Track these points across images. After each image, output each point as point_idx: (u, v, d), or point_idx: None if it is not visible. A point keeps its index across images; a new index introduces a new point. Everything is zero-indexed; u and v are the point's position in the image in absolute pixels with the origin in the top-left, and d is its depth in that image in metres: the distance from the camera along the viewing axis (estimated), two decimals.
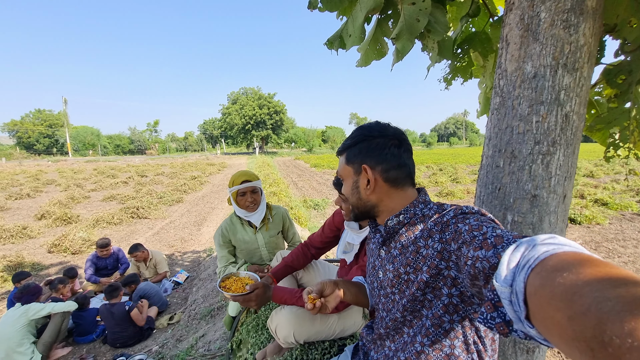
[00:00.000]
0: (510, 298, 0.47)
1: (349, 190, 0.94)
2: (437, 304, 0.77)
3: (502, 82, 1.14)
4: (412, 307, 0.82)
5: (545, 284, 0.40)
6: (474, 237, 0.63)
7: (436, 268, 0.75)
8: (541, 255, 0.44)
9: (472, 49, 2.03)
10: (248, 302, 1.33)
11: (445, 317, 0.77)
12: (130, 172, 19.63)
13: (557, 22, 1.00)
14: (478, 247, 0.60)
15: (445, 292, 0.75)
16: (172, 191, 12.09)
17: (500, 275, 0.49)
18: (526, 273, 0.44)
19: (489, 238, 0.60)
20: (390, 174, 0.87)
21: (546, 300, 0.39)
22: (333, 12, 1.87)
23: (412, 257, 0.81)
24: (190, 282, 4.62)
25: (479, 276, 0.59)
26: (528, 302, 0.43)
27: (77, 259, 5.55)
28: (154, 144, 73.91)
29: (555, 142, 1.04)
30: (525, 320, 0.44)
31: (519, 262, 0.47)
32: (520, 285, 0.44)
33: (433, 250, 0.76)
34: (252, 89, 55.87)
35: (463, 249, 0.65)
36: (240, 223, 2.08)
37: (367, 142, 0.89)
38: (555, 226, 1.09)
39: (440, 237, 0.75)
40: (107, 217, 7.73)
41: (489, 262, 0.57)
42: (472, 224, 0.66)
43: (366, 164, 0.88)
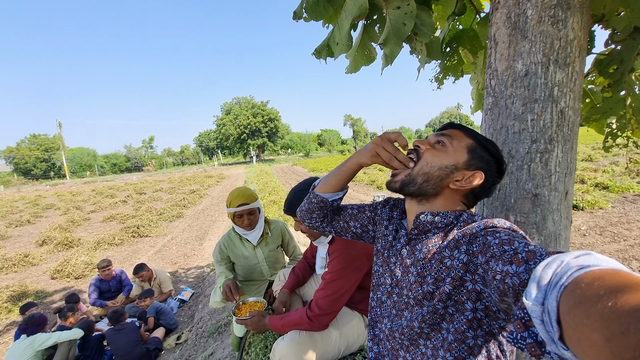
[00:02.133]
0: (542, 317, 0.44)
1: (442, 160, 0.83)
2: (460, 318, 0.75)
3: (494, 81, 1.12)
4: (431, 319, 0.79)
5: (580, 302, 0.37)
6: (504, 252, 0.60)
7: (460, 280, 0.72)
8: (575, 272, 0.41)
9: (461, 47, 2.03)
10: (247, 326, 1.48)
11: (469, 333, 0.74)
12: (128, 191, 19.57)
13: (545, 18, 0.99)
14: (508, 261, 0.58)
15: (470, 306, 0.72)
16: (171, 207, 12.04)
17: (530, 292, 0.46)
18: (559, 291, 0.42)
19: (519, 253, 0.57)
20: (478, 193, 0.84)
21: (581, 320, 0.36)
22: (318, 21, 1.87)
23: (436, 266, 0.78)
24: (195, 299, 4.57)
25: (509, 292, 0.56)
26: (561, 322, 0.40)
27: (80, 284, 5.50)
28: (150, 160, 73.92)
29: (552, 140, 1.02)
30: (559, 341, 0.41)
31: (551, 279, 0.44)
32: (553, 304, 0.42)
33: (458, 262, 0.73)
34: (245, 98, 56.02)
35: (491, 263, 0.62)
36: (238, 238, 2.06)
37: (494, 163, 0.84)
38: (559, 224, 1.07)
39: (467, 249, 0.72)
40: (108, 239, 7.69)
41: (519, 278, 0.54)
42: (503, 238, 0.64)
43: (484, 171, 0.82)
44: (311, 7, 1.76)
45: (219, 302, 1.85)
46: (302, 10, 1.79)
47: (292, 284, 1.76)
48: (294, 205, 1.37)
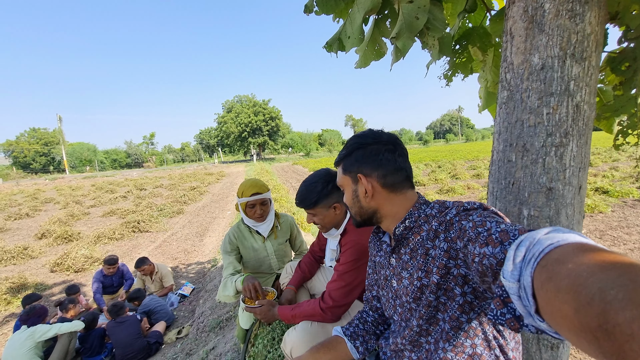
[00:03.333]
0: (518, 293, 0.47)
1: (350, 200, 0.94)
2: (452, 305, 0.76)
3: (509, 75, 1.12)
4: (427, 313, 0.80)
5: (551, 277, 0.40)
6: (479, 234, 0.62)
7: (445, 268, 0.74)
8: (546, 249, 0.44)
9: (471, 45, 2.02)
10: (256, 315, 1.48)
11: (463, 317, 0.76)
12: (128, 186, 19.53)
13: (562, 12, 0.99)
14: (484, 243, 0.60)
15: (458, 291, 0.74)
16: (172, 203, 12.03)
17: (507, 270, 0.49)
18: (532, 267, 0.44)
19: (493, 234, 0.59)
20: (388, 180, 0.88)
21: (553, 293, 0.39)
22: (329, 15, 1.87)
23: (422, 259, 0.80)
24: (196, 294, 4.57)
25: (487, 273, 0.59)
26: (536, 296, 0.43)
27: (80, 277, 5.49)
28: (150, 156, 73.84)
29: (567, 133, 1.02)
30: (535, 314, 0.44)
31: (525, 257, 0.47)
32: (528, 279, 0.44)
33: (440, 250, 0.75)
34: (247, 97, 55.98)
35: (469, 247, 0.64)
36: (248, 230, 2.05)
37: (361, 150, 0.90)
38: (572, 218, 1.07)
39: (446, 236, 0.74)
40: (108, 233, 7.67)
41: (495, 259, 0.56)
42: (476, 220, 0.66)
43: (362, 172, 0.89)
44: (322, 0, 1.76)
45: (231, 296, 1.77)
46: (313, 3, 1.79)
47: (298, 279, 1.75)
48: (306, 198, 1.38)
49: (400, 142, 0.92)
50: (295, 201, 1.43)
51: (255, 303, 1.44)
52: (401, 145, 0.91)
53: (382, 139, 0.90)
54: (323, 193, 1.37)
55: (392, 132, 0.93)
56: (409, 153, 0.98)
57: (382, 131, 0.93)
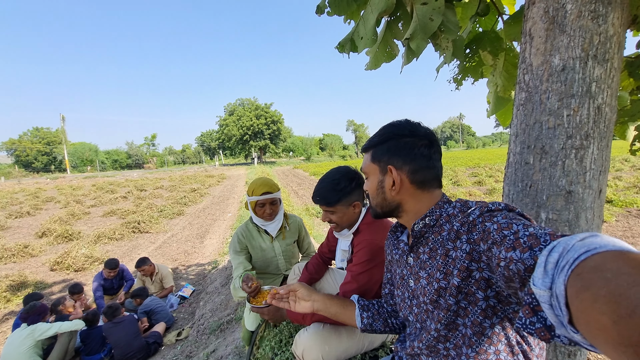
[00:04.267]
0: (550, 302, 0.44)
1: (373, 189, 0.91)
2: (474, 310, 0.73)
3: (527, 77, 1.11)
4: (446, 318, 0.77)
5: (587, 285, 0.37)
6: (505, 237, 0.60)
7: (466, 270, 0.71)
8: (582, 255, 0.41)
9: (481, 49, 2.02)
10: (262, 315, 1.45)
11: (486, 323, 0.73)
12: (129, 187, 19.53)
13: (585, 13, 0.98)
14: (510, 247, 0.57)
15: (481, 295, 0.71)
16: (172, 204, 12.01)
17: (537, 277, 0.46)
18: (566, 275, 0.41)
19: (521, 237, 0.56)
20: (418, 176, 0.84)
21: (589, 303, 0.36)
22: (341, 16, 1.86)
23: (442, 260, 0.77)
24: (196, 296, 4.53)
25: (514, 278, 0.56)
26: (570, 306, 0.40)
27: (80, 276, 5.46)
28: (151, 157, 73.98)
29: (588, 136, 1.00)
30: (569, 324, 0.41)
31: (558, 263, 0.44)
32: (561, 287, 0.42)
33: (462, 252, 0.72)
34: (249, 100, 56.18)
35: (494, 250, 0.62)
36: (256, 230, 2.03)
37: (395, 141, 0.86)
38: (592, 222, 1.05)
39: (468, 238, 0.72)
40: (108, 233, 7.64)
41: (524, 264, 0.53)
42: (501, 222, 0.63)
43: (393, 164, 0.85)
44: (335, 1, 1.76)
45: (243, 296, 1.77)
46: (325, 4, 1.78)
47: (305, 281, 1.72)
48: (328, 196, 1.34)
49: (437, 139, 0.88)
50: (315, 198, 1.37)
51: (263, 303, 1.40)
52: (437, 143, 0.88)
53: (419, 132, 0.86)
54: (346, 191, 1.33)
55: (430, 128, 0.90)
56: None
57: (420, 124, 0.89)
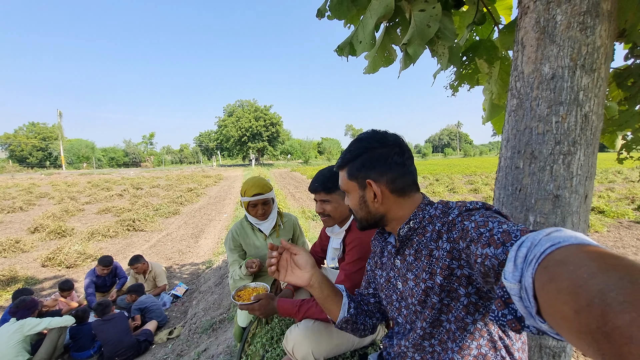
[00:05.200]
0: (520, 294, 0.47)
1: (356, 205, 0.91)
2: (457, 306, 0.76)
3: (519, 84, 1.14)
4: (431, 316, 0.79)
5: (552, 278, 0.40)
6: (481, 234, 0.63)
7: (448, 269, 0.74)
8: (547, 249, 0.44)
9: (478, 57, 2.06)
10: (253, 311, 1.42)
11: (468, 319, 0.76)
12: (125, 185, 19.43)
13: (574, 25, 1.02)
14: (486, 244, 0.60)
15: (462, 292, 0.74)
16: (168, 203, 11.96)
17: (508, 271, 0.49)
18: (533, 268, 0.44)
19: (495, 234, 0.59)
20: (397, 184, 0.86)
21: (554, 294, 0.39)
22: (341, 20, 1.90)
23: (427, 261, 0.79)
24: (189, 295, 4.51)
25: (490, 273, 0.59)
26: (537, 297, 0.43)
27: (72, 273, 5.41)
28: (149, 156, 73.61)
29: (575, 142, 1.04)
30: (537, 315, 0.44)
31: (526, 257, 0.47)
32: (529, 280, 0.44)
33: (443, 251, 0.75)
34: (248, 102, 56.25)
35: (472, 247, 0.64)
36: (251, 228, 2.06)
37: (368, 154, 0.86)
38: (577, 226, 1.08)
39: (448, 237, 0.74)
40: (102, 230, 7.59)
41: (497, 259, 0.56)
42: (478, 220, 0.66)
43: (370, 178, 0.86)
44: (335, 5, 1.79)
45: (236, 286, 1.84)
46: (325, 8, 1.82)
47: None
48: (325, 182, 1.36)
49: (405, 144, 0.90)
50: (313, 184, 1.39)
51: (251, 299, 1.40)
52: (407, 147, 0.90)
53: (388, 141, 0.87)
54: None
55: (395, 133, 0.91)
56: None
57: (387, 132, 0.90)
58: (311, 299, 1.30)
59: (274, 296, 1.38)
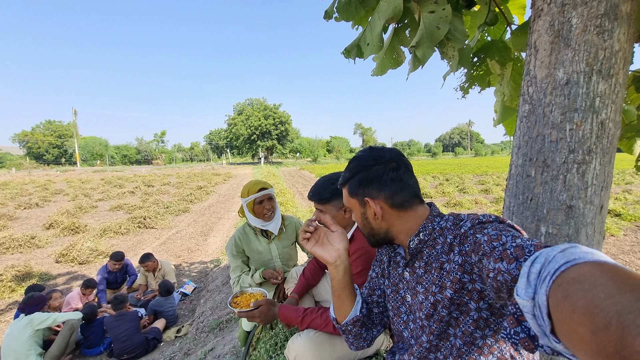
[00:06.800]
0: (533, 312, 0.44)
1: (360, 222, 0.93)
2: (466, 320, 0.74)
3: (532, 89, 1.10)
4: (438, 329, 0.78)
5: (566, 296, 0.38)
6: (494, 248, 0.61)
7: (459, 282, 0.72)
8: (562, 266, 0.42)
9: (489, 58, 2.01)
10: (253, 318, 1.39)
11: (477, 333, 0.73)
12: (137, 182, 19.77)
13: (590, 28, 0.97)
14: (498, 258, 0.58)
15: (473, 306, 0.72)
16: (178, 201, 12.12)
17: (520, 288, 0.47)
18: (547, 285, 0.42)
19: (508, 249, 0.57)
20: (396, 199, 0.85)
21: (568, 313, 0.37)
22: (349, 21, 1.88)
23: (437, 274, 0.78)
24: (197, 294, 4.56)
25: (502, 289, 0.57)
26: (552, 316, 0.41)
27: (84, 269, 5.53)
28: (160, 154, 74.70)
29: (591, 151, 0.99)
30: (551, 334, 0.41)
31: (540, 274, 0.45)
32: (543, 298, 0.42)
33: (454, 264, 0.73)
34: (258, 100, 56.49)
35: (484, 261, 0.62)
36: (253, 233, 2.05)
37: (365, 172, 0.87)
38: (592, 238, 1.04)
39: (460, 250, 0.72)
40: (114, 227, 7.74)
41: (510, 275, 0.55)
42: (491, 234, 0.64)
43: (368, 195, 0.86)
44: (343, 7, 1.77)
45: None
46: (333, 9, 1.80)
47: (302, 287, 1.71)
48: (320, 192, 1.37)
49: (403, 158, 0.89)
50: (309, 193, 1.41)
51: (251, 305, 1.36)
52: (405, 161, 0.89)
53: (383, 158, 0.87)
54: (338, 192, 1.35)
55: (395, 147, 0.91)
56: (417, 165, 0.95)
57: (384, 148, 0.90)
58: (316, 309, 1.28)
59: (275, 302, 1.37)
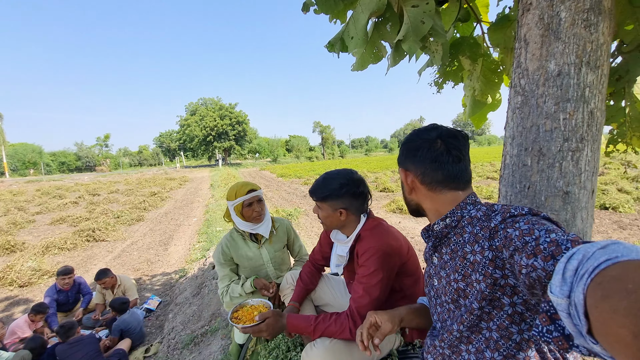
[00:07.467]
0: (568, 310, 0.42)
1: (402, 190, 0.99)
2: (500, 314, 0.72)
3: (523, 81, 1.14)
4: (468, 320, 0.76)
5: (607, 295, 0.36)
6: (526, 243, 0.59)
7: (491, 277, 0.70)
8: (603, 264, 0.40)
9: (461, 54, 2.07)
10: (260, 333, 1.27)
11: (513, 328, 0.72)
12: (80, 192, 18.00)
13: (578, 22, 1.02)
14: (531, 254, 0.56)
15: (507, 301, 0.71)
16: (130, 209, 11.23)
17: (555, 285, 0.45)
18: (585, 283, 0.40)
19: (541, 244, 0.56)
20: (426, 178, 0.86)
21: (608, 314, 0.35)
22: (327, 14, 1.83)
23: (460, 262, 0.77)
24: (164, 308, 4.23)
25: (536, 285, 0.55)
26: (589, 315, 0.39)
27: (26, 292, 4.88)
28: (104, 159, 68.88)
29: (583, 139, 1.05)
30: (588, 335, 0.39)
31: (577, 271, 0.43)
32: (580, 296, 0.40)
33: (484, 258, 0.71)
34: (212, 99, 54.31)
35: (516, 257, 0.61)
36: (242, 238, 1.92)
37: (408, 144, 0.90)
38: (586, 221, 1.10)
39: (490, 245, 0.71)
40: (58, 243, 6.94)
41: (544, 271, 0.53)
42: (523, 228, 0.63)
43: (404, 166, 0.91)
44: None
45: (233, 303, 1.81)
46: (312, 1, 1.74)
47: (301, 293, 1.62)
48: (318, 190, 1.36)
49: (452, 140, 0.85)
50: (310, 189, 1.41)
51: (256, 319, 1.25)
52: (452, 143, 0.84)
53: (428, 135, 0.87)
54: (334, 193, 1.33)
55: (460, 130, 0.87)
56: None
57: (436, 126, 0.89)
58: (328, 315, 1.21)
59: (282, 312, 1.27)
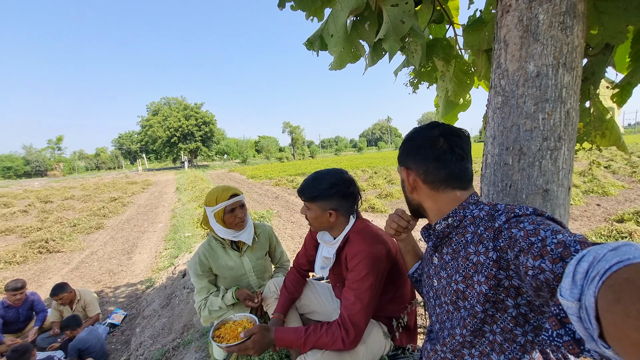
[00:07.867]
0: (579, 314, 0.41)
1: (403, 189, 0.97)
2: (504, 317, 0.71)
3: (503, 81, 1.16)
4: (472, 325, 0.75)
5: (619, 298, 0.35)
6: (532, 244, 0.58)
7: (495, 279, 0.69)
8: (614, 266, 0.39)
9: (435, 55, 2.11)
10: (246, 351, 1.17)
11: (518, 330, 0.71)
12: (29, 199, 16.52)
13: (555, 24, 1.05)
14: (537, 255, 0.55)
15: (511, 303, 0.70)
16: (88, 217, 10.49)
17: (565, 288, 0.44)
18: (596, 286, 0.39)
19: (548, 245, 0.55)
20: (428, 177, 0.84)
21: (621, 317, 0.34)
22: (304, 11, 1.78)
23: (462, 263, 0.75)
24: (130, 322, 3.96)
25: (543, 287, 0.54)
26: (600, 319, 0.38)
27: None
28: (57, 163, 63.81)
29: (560, 138, 1.08)
30: (599, 339, 0.38)
31: (588, 273, 0.42)
32: (591, 300, 0.39)
33: (487, 259, 0.70)
34: (176, 99, 52.01)
35: (521, 258, 0.60)
36: (221, 247, 1.80)
37: (409, 143, 0.89)
38: (564, 217, 1.13)
39: (495, 245, 0.69)
40: (5, 256, 6.30)
41: (553, 273, 0.52)
42: (528, 228, 0.62)
43: (405, 165, 0.89)
44: None
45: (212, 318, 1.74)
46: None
47: (286, 303, 1.54)
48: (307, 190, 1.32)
49: (454, 138, 0.83)
50: (298, 188, 1.36)
51: (241, 336, 1.14)
52: (454, 141, 0.83)
53: (430, 133, 0.85)
54: (324, 193, 1.29)
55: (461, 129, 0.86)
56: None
57: (438, 124, 0.87)
58: (318, 326, 1.15)
59: (269, 327, 1.19)
